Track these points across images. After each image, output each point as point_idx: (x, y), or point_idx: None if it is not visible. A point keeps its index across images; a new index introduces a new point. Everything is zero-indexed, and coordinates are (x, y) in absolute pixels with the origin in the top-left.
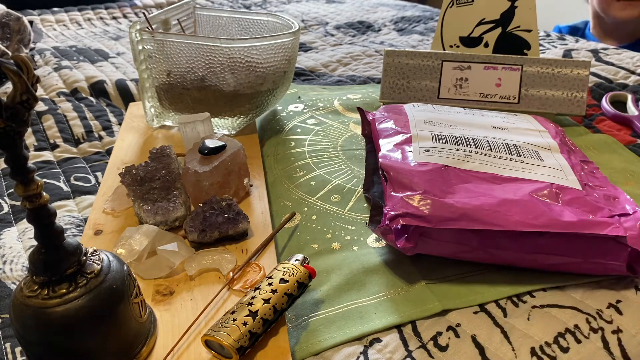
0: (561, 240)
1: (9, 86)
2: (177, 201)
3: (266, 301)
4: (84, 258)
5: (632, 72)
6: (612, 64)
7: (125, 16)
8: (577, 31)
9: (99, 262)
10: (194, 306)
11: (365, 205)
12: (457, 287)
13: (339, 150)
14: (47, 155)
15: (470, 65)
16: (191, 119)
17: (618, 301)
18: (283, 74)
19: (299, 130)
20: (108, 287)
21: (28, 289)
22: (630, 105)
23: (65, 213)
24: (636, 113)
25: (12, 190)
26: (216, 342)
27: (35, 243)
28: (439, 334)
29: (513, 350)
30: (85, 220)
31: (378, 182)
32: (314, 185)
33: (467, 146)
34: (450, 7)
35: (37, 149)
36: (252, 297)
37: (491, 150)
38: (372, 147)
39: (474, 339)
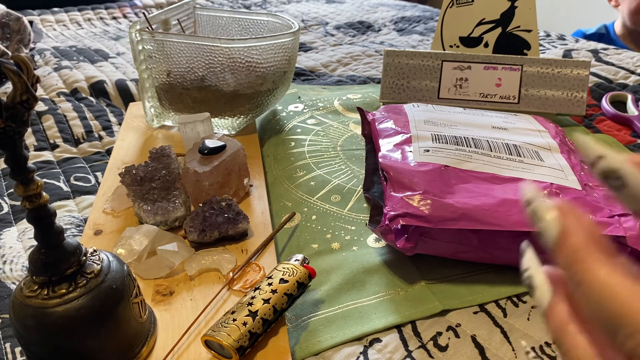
0: None
1: (8, 86)
2: (177, 201)
3: (266, 301)
4: (84, 258)
5: (632, 72)
6: (612, 64)
7: (125, 16)
8: (602, 37)
9: (98, 262)
10: (193, 306)
11: (365, 205)
12: (457, 287)
13: (339, 150)
14: (47, 155)
15: (470, 65)
16: (191, 119)
17: None
18: (283, 74)
19: (299, 130)
20: (108, 287)
21: (28, 289)
22: (630, 105)
23: (65, 213)
24: (636, 113)
25: (12, 190)
26: (216, 342)
27: (35, 243)
28: (439, 334)
29: (513, 350)
30: (85, 220)
31: (378, 182)
32: (314, 185)
33: (467, 146)
34: (450, 7)
35: (37, 149)
36: (252, 297)
37: (491, 150)
38: (372, 147)
39: (473, 339)
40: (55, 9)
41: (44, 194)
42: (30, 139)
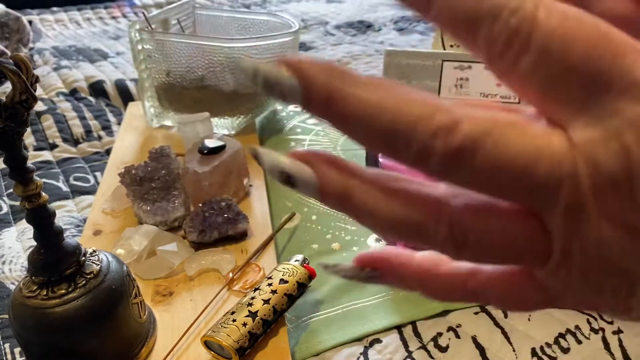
0: None
1: (8, 86)
2: (176, 201)
3: (266, 302)
4: (83, 258)
5: None
6: None
7: (124, 16)
8: None
9: (98, 263)
10: (193, 307)
11: None
12: None
13: (339, 150)
14: (46, 155)
15: (471, 65)
16: (191, 119)
17: None
18: None
19: (299, 130)
20: (107, 287)
21: (27, 290)
22: None
23: (65, 213)
24: None
25: (11, 190)
26: (216, 342)
27: (34, 243)
28: (440, 334)
29: (514, 350)
30: (85, 220)
31: None
32: None
33: None
34: None
35: (36, 149)
36: (252, 298)
37: None
38: None
39: (474, 339)
40: (55, 9)
41: (43, 194)
42: (29, 138)
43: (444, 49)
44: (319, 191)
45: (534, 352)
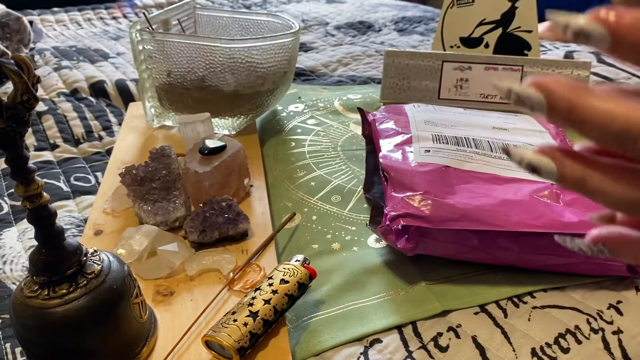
0: None
1: (9, 86)
2: (177, 201)
3: (267, 302)
4: (84, 258)
5: (634, 74)
6: (614, 66)
7: (125, 16)
8: None
9: (99, 263)
10: (194, 306)
11: (365, 205)
12: (458, 288)
13: (339, 151)
14: (47, 156)
15: (471, 66)
16: (191, 119)
17: (618, 302)
18: (283, 74)
19: (299, 130)
20: (108, 287)
21: (28, 290)
22: None
23: (66, 213)
24: None
25: (12, 190)
26: (217, 342)
27: (35, 243)
28: (440, 334)
29: (514, 350)
30: (86, 220)
31: (378, 182)
32: (314, 185)
33: (467, 147)
34: (451, 7)
35: (37, 149)
36: (253, 298)
37: (492, 151)
38: (372, 148)
39: (474, 339)
40: (55, 9)
41: (45, 194)
42: (30, 139)
43: (444, 50)
44: (559, 179)
45: (533, 352)
